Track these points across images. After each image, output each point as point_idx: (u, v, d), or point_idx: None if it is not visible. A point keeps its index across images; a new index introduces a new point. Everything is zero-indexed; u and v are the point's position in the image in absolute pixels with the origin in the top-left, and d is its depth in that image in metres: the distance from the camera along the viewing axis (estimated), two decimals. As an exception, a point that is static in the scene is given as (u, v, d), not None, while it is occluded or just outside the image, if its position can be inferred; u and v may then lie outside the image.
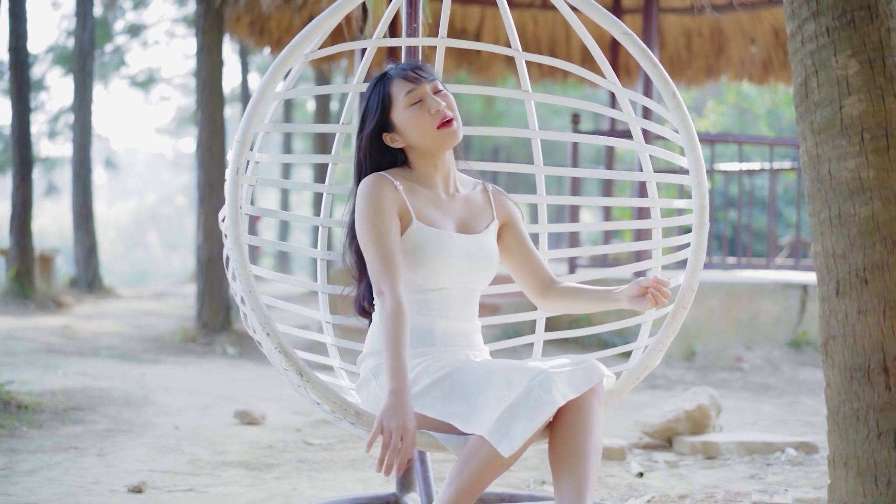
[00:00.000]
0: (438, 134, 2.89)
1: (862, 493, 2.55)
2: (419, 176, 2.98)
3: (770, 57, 11.81)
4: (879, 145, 2.53)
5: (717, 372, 8.12)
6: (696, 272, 2.98)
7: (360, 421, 2.73)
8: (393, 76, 2.95)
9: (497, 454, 2.50)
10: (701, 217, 3.03)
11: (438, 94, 2.94)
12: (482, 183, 3.13)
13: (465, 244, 2.93)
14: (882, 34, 2.55)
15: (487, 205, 3.07)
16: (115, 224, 42.35)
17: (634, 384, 2.98)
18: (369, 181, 2.88)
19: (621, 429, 5.45)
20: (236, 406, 5.93)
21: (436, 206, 2.96)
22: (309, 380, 2.71)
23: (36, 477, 4.17)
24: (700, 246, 3.01)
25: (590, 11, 3.09)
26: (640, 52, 3.03)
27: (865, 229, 2.54)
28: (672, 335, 2.98)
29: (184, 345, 9.39)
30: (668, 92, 3.03)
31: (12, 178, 12.27)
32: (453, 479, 2.57)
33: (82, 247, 14.54)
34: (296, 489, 4.08)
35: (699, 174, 3.02)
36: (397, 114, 2.92)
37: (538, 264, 3.09)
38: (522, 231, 3.11)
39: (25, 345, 8.76)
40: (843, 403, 2.61)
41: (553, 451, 2.63)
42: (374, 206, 2.83)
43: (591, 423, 2.61)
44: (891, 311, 2.51)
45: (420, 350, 2.88)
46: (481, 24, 12.29)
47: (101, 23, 22.44)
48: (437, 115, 2.88)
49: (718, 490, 4.07)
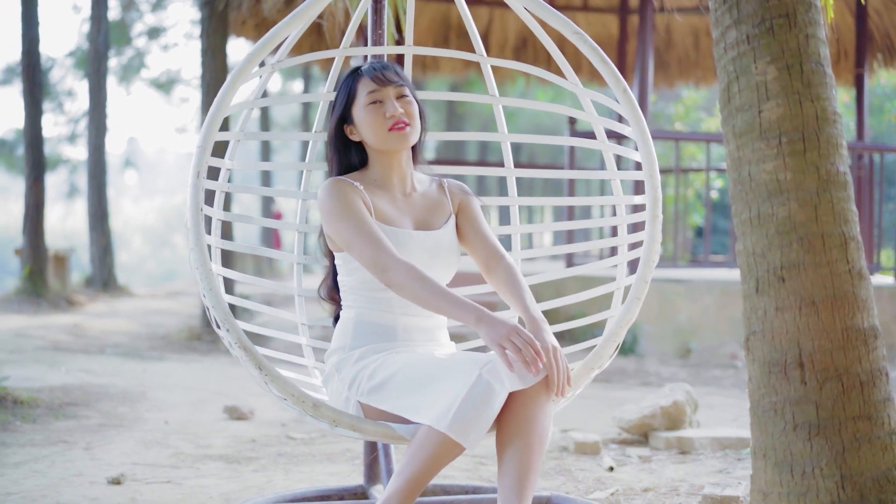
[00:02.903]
0: (388, 136, 3.02)
1: (779, 482, 2.65)
2: (376, 177, 3.10)
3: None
4: (796, 148, 2.62)
5: (710, 369, 8.19)
6: (650, 264, 3.07)
7: (318, 413, 2.81)
8: (363, 74, 3.09)
9: (449, 441, 2.60)
10: (654, 210, 3.13)
11: (401, 99, 3.07)
12: (438, 179, 3.25)
13: (423, 240, 3.05)
14: (800, 41, 2.64)
15: (444, 199, 3.19)
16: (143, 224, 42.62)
17: (590, 376, 3.02)
18: (330, 184, 3.01)
19: (601, 424, 5.55)
20: (229, 402, 6.06)
21: (393, 205, 3.08)
22: (268, 373, 2.80)
23: (21, 469, 4.30)
24: (654, 238, 3.11)
25: (541, 12, 3.20)
26: (591, 51, 3.14)
27: (783, 229, 2.63)
28: (627, 326, 3.04)
29: (189, 342, 9.54)
30: (619, 88, 3.14)
31: (26, 179, 12.46)
32: (404, 468, 2.66)
33: (97, 246, 14.74)
34: (270, 481, 4.20)
35: (651, 168, 3.13)
36: (357, 110, 3.07)
37: (484, 242, 3.16)
38: (474, 212, 3.20)
39: (33, 342, 8.93)
40: (762, 397, 2.70)
41: (499, 440, 2.72)
42: (342, 202, 2.96)
43: (537, 414, 2.69)
44: (806, 309, 2.61)
45: (381, 345, 3.00)
46: (489, 25, 12.39)
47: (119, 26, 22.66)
48: (390, 119, 3.01)
49: (684, 484, 4.16)
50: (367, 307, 3.03)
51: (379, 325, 3.02)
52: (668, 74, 13.16)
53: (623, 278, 3.40)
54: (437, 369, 2.76)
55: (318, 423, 2.89)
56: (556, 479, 4.27)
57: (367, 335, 3.01)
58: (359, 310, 3.04)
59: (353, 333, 3.02)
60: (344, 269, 3.06)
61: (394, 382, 2.82)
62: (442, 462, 2.65)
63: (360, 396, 2.90)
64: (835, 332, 2.60)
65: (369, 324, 3.02)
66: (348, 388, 2.94)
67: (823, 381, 2.59)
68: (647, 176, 3.16)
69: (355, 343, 3.01)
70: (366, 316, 3.03)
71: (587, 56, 3.17)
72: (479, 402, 2.59)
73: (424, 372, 2.78)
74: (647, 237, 3.13)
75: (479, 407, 2.58)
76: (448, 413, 2.59)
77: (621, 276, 3.42)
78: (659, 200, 3.16)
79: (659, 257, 3.13)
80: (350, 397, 2.93)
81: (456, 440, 2.58)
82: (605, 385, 7.28)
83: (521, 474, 2.65)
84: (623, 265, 3.44)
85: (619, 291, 3.41)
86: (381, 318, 3.03)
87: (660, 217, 3.15)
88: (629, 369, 8.04)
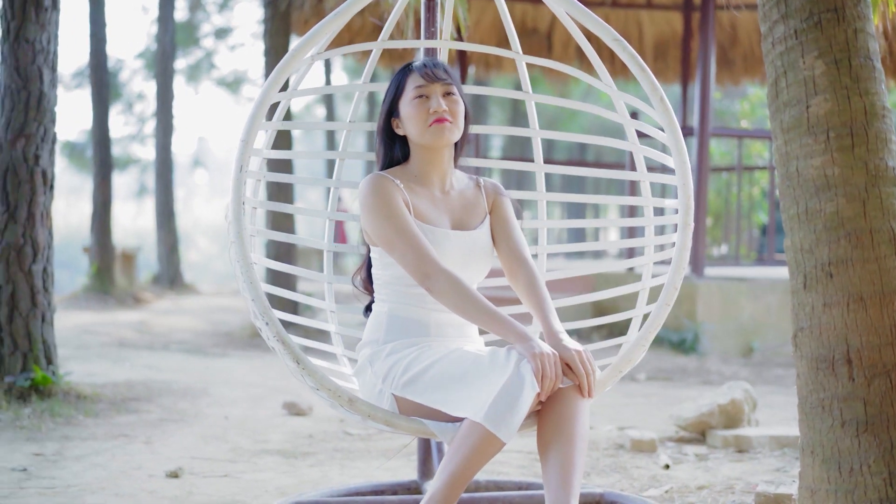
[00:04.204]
0: (429, 130, 3.04)
1: (826, 479, 2.63)
2: (417, 173, 3.13)
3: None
4: (844, 143, 2.60)
5: (772, 368, 8.12)
6: (680, 271, 3.07)
7: (354, 407, 2.82)
8: (413, 69, 3.12)
9: (489, 435, 2.61)
10: (685, 217, 3.12)
11: (447, 96, 3.09)
12: (474, 178, 3.27)
13: (460, 241, 3.08)
14: (849, 35, 2.62)
15: (480, 198, 3.21)
16: (212, 223, 43.00)
17: (618, 377, 3.03)
18: (372, 180, 3.04)
19: (659, 422, 5.53)
20: (288, 398, 6.12)
21: (431, 203, 3.11)
22: (305, 367, 2.82)
23: (82, 462, 4.39)
24: (684, 245, 3.10)
25: (582, 17, 3.19)
26: (630, 58, 3.13)
27: (831, 225, 2.62)
28: (655, 330, 3.05)
29: (251, 339, 9.64)
30: (655, 96, 3.13)
31: (93, 178, 12.66)
32: (446, 464, 2.67)
33: (164, 244, 14.95)
34: (326, 476, 4.24)
35: (684, 175, 3.12)
36: (403, 104, 3.10)
37: (511, 245, 3.17)
38: (506, 212, 3.22)
39: (99, 339, 9.08)
40: (810, 393, 2.69)
41: (540, 441, 2.74)
42: (384, 200, 2.99)
43: (574, 412, 2.71)
44: (854, 304, 2.59)
45: (414, 340, 3.03)
46: (552, 25, 12.36)
47: (187, 26, 22.93)
48: (433, 114, 3.04)
49: (739, 482, 4.13)
50: (400, 302, 3.06)
51: (412, 320, 3.05)
52: (734, 71, 13.04)
53: (648, 279, 3.43)
54: (473, 364, 2.78)
55: (352, 415, 2.92)
56: (610, 476, 4.27)
57: (399, 330, 3.04)
58: (392, 304, 3.07)
59: (387, 327, 3.05)
60: (379, 262, 3.09)
61: (429, 376, 2.84)
62: (483, 457, 2.65)
63: (394, 389, 2.92)
64: (883, 328, 2.58)
65: (402, 318, 3.05)
66: (382, 381, 2.96)
67: (871, 377, 2.57)
68: (680, 183, 3.15)
69: (388, 337, 3.04)
70: (399, 311, 3.06)
71: (626, 63, 3.16)
72: (513, 394, 2.61)
73: (461, 366, 2.80)
74: (678, 244, 3.13)
75: (513, 399, 2.60)
76: (485, 405, 2.61)
77: (647, 277, 3.44)
78: (691, 208, 3.14)
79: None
80: (384, 390, 2.95)
81: (490, 430, 2.59)
82: (665, 384, 7.25)
83: (565, 471, 2.66)
84: (649, 265, 3.45)
85: (645, 292, 3.43)
86: (414, 314, 3.06)
87: (691, 225, 3.14)
88: (690, 368, 8.00)
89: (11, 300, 5.63)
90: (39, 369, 5.60)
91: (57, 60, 5.86)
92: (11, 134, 5.69)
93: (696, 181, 9.10)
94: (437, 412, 2.84)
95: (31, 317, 5.66)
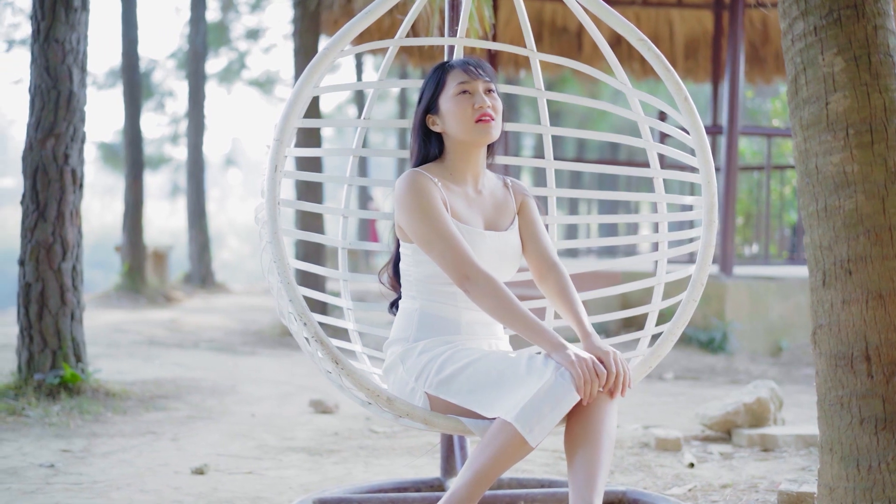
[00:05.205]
0: (474, 127, 3.04)
1: (845, 477, 2.62)
2: (451, 171, 3.12)
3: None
4: (863, 140, 2.59)
5: (801, 368, 8.08)
6: (705, 268, 3.10)
7: (392, 406, 2.84)
8: (454, 66, 3.12)
9: (518, 437, 2.62)
10: (709, 215, 3.13)
11: (489, 94, 3.09)
12: (503, 177, 3.27)
13: (493, 242, 3.08)
14: (868, 32, 2.61)
15: (509, 199, 3.21)
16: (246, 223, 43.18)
17: (647, 372, 3.08)
18: (410, 177, 3.03)
19: (685, 421, 5.51)
20: (315, 396, 6.15)
21: (466, 202, 3.10)
22: (344, 367, 2.82)
23: (110, 459, 4.43)
24: (708, 242, 3.12)
25: (607, 18, 3.20)
26: (654, 58, 3.15)
27: (850, 222, 2.61)
28: (682, 326, 3.08)
29: (281, 338, 9.68)
30: (680, 97, 3.14)
31: (125, 177, 12.75)
32: (472, 462, 2.69)
33: (196, 244, 15.03)
34: (350, 473, 4.26)
35: (708, 174, 3.13)
36: (444, 100, 3.08)
37: (539, 247, 3.18)
38: (533, 214, 3.22)
39: (130, 337, 9.15)
40: (829, 391, 2.68)
41: (568, 440, 2.75)
42: (423, 198, 2.98)
43: (603, 414, 2.72)
44: (873, 301, 2.57)
45: (445, 338, 3.02)
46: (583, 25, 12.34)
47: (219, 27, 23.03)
48: (478, 110, 3.03)
49: (764, 481, 4.12)
50: (432, 300, 3.06)
51: (443, 318, 3.05)
52: (765, 70, 12.96)
53: (663, 275, 3.46)
54: (509, 367, 2.78)
55: (386, 415, 2.93)
56: (634, 474, 4.27)
57: (430, 328, 3.04)
58: (423, 302, 3.07)
59: (418, 325, 3.05)
60: (411, 259, 3.07)
61: (464, 376, 2.85)
62: (510, 458, 2.66)
63: (427, 388, 2.92)
64: (902, 326, 2.57)
65: (434, 316, 3.05)
66: (415, 380, 2.96)
67: (890, 374, 2.56)
68: (704, 182, 3.17)
69: (419, 335, 3.03)
70: (430, 308, 3.05)
71: (650, 63, 3.17)
72: (551, 401, 2.61)
73: (496, 368, 2.80)
74: (703, 241, 3.15)
75: (550, 405, 2.61)
76: (517, 406, 2.62)
77: (661, 273, 3.47)
78: (715, 206, 3.18)
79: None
80: (417, 388, 2.95)
81: (520, 431, 2.60)
82: (692, 383, 7.23)
83: (591, 469, 2.67)
84: (663, 261, 3.48)
85: (660, 286, 3.46)
86: (445, 312, 3.05)
87: (715, 223, 3.17)
88: (718, 367, 7.97)
89: (41, 298, 5.69)
90: (68, 367, 5.65)
91: (87, 60, 5.92)
92: (41, 133, 5.74)
93: (725, 180, 9.07)
94: (469, 411, 2.85)
95: (60, 315, 5.71)
